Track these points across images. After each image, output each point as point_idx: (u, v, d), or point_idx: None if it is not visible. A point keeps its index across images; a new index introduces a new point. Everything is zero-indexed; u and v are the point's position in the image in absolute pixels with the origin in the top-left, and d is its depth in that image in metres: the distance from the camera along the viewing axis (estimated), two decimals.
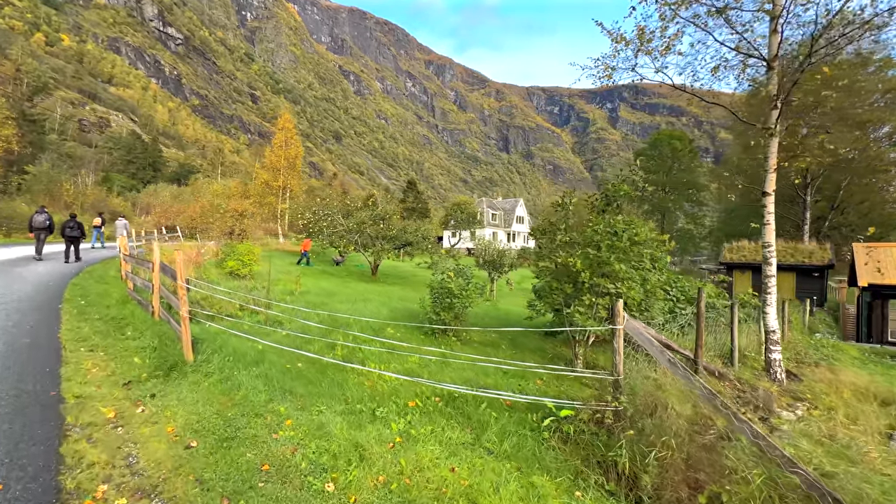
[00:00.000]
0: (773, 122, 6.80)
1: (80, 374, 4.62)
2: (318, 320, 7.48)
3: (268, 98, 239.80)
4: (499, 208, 63.22)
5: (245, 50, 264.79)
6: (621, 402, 3.45)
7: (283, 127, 34.52)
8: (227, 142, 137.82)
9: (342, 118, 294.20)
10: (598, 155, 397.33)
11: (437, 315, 6.59)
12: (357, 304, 9.62)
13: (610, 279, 4.86)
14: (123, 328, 6.71)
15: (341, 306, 8.99)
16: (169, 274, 5.87)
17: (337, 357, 5.73)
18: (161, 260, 6.88)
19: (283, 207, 35.12)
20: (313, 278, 17.70)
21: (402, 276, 22.96)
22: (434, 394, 4.60)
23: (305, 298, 9.95)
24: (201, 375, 4.76)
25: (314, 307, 8.82)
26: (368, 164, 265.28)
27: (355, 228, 17.75)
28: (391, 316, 8.25)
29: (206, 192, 43.97)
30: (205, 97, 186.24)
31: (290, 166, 35.01)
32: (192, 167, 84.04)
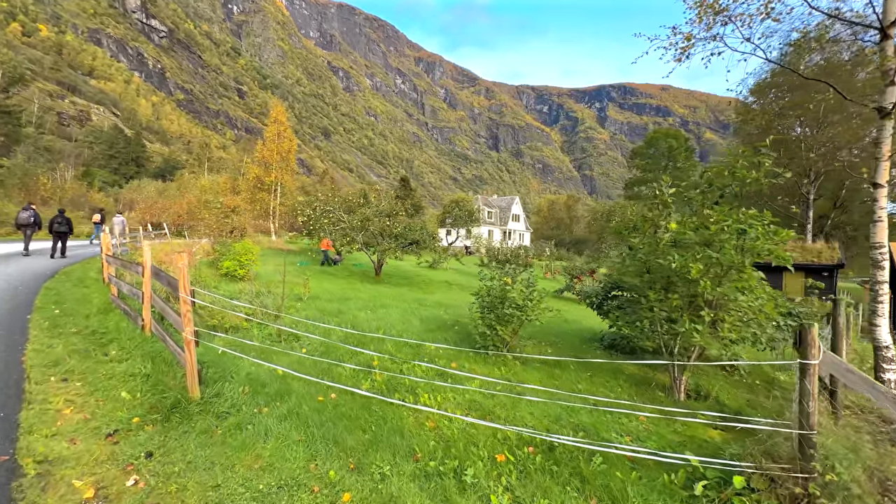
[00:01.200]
0: (890, 102, 5.85)
1: (48, 419, 3.42)
2: (341, 335, 6.34)
3: (255, 93, 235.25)
4: (494, 206, 62.31)
5: (231, 44, 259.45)
6: (839, 473, 2.42)
7: (275, 120, 32.94)
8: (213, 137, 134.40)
9: (331, 115, 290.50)
10: (587, 154, 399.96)
11: (490, 329, 5.51)
12: (377, 311, 8.47)
13: (741, 290, 3.87)
14: (106, 346, 5.48)
15: (362, 315, 7.84)
16: (164, 281, 4.69)
17: (379, 387, 4.60)
18: (153, 263, 5.66)
19: (275, 204, 33.58)
20: (316, 280, 16.44)
21: (406, 276, 21.79)
22: (522, 441, 3.51)
23: (317, 305, 8.77)
24: (212, 418, 3.59)
25: (331, 316, 7.65)
26: (358, 161, 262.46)
27: (359, 226, 16.53)
28: (424, 328, 7.13)
29: (193, 188, 42.09)
30: (190, 91, 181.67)
31: (283, 161, 33.44)
32: (177, 162, 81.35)
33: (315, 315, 7.67)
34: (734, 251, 3.90)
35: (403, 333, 6.50)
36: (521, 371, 5.28)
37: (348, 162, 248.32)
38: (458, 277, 24.59)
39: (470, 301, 14.28)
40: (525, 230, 66.32)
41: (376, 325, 6.96)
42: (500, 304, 5.45)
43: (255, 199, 31.85)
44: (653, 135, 62.12)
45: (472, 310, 5.89)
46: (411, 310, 8.98)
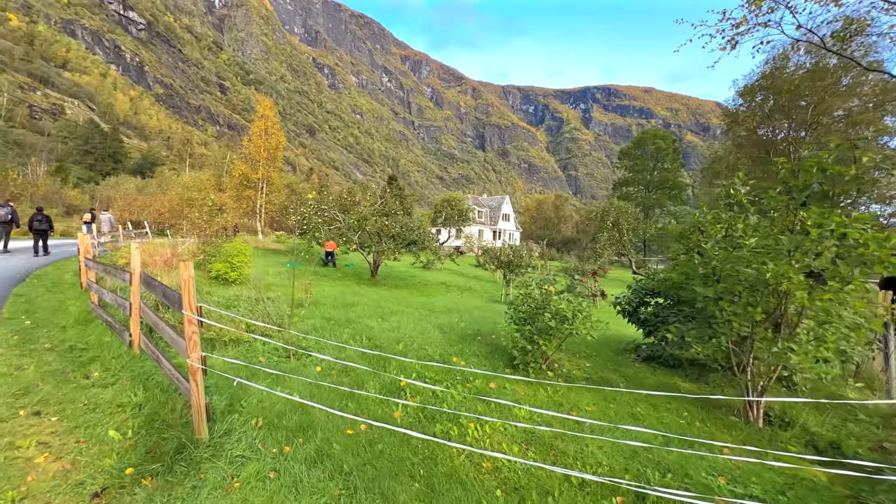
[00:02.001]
0: None
1: (16, 472, 2.69)
2: (357, 349, 5.67)
3: (237, 89, 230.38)
4: (484, 206, 61.91)
5: (213, 38, 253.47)
6: None
7: (262, 115, 31.75)
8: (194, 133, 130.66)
9: (316, 112, 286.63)
10: (572, 154, 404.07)
11: (532, 344, 4.92)
12: (389, 319, 7.80)
13: (842, 304, 3.38)
14: (87, 365, 4.71)
15: (374, 324, 7.16)
16: (158, 292, 3.96)
17: (414, 415, 3.98)
18: (142, 269, 4.91)
19: (262, 202, 32.42)
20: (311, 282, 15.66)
21: (401, 277, 21.11)
22: (605, 489, 2.93)
23: (322, 312, 8.06)
24: (226, 465, 2.91)
25: (340, 326, 6.96)
26: (343, 159, 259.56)
27: (356, 225, 15.78)
28: (445, 340, 6.49)
29: (174, 185, 40.48)
30: (170, 86, 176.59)
31: (271, 158, 32.29)
32: (157, 159, 78.69)
33: (322, 324, 6.97)
34: (838, 260, 3.40)
35: (426, 347, 5.86)
36: (567, 392, 4.70)
37: (333, 160, 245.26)
38: (455, 279, 23.99)
39: (477, 305, 13.70)
40: (515, 230, 66.14)
41: (393, 336, 6.29)
42: (540, 316, 4.87)
43: (242, 197, 30.66)
44: (641, 135, 62.56)
45: (506, 322, 5.29)
46: (423, 317, 8.34)
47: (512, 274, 16.39)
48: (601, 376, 5.25)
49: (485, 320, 8.76)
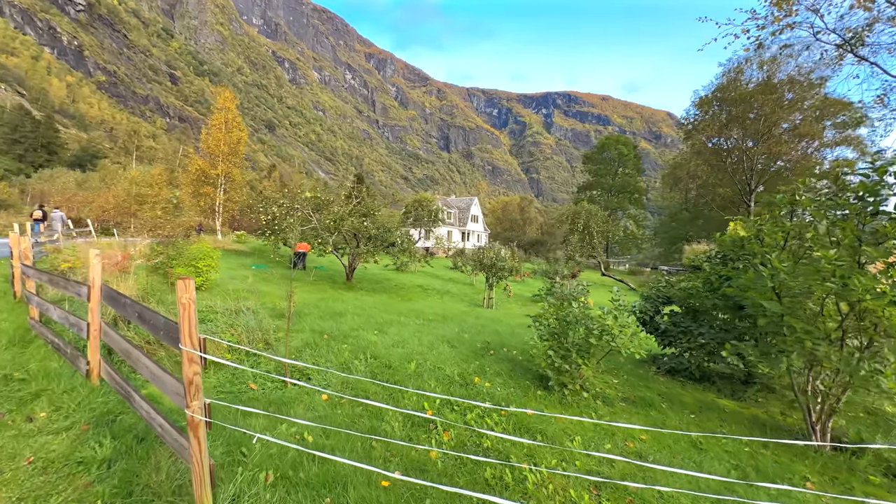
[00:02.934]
0: None
1: None
2: (365, 371, 4.98)
3: (190, 80, 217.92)
4: (453, 207, 61.59)
5: (163, 24, 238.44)
6: None
7: (222, 107, 29.62)
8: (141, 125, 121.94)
9: (276, 107, 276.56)
10: (534, 158, 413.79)
11: (568, 362, 4.43)
12: (387, 331, 7.09)
13: None
14: (31, 403, 3.74)
15: (373, 338, 6.44)
16: (133, 313, 3.11)
17: (453, 449, 3.38)
18: (104, 281, 3.99)
19: (221, 199, 30.31)
20: (282, 287, 14.52)
21: (376, 280, 20.24)
22: None
23: (309, 323, 7.23)
24: None
25: (335, 340, 6.18)
26: (305, 156, 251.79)
27: (332, 226, 14.81)
28: (458, 355, 5.88)
29: (120, 180, 37.16)
30: (113, 73, 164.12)
31: (231, 153, 30.22)
32: (99, 151, 72.57)
33: (314, 340, 6.17)
34: None
35: (441, 366, 5.23)
36: (609, 414, 4.25)
37: (294, 157, 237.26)
38: (431, 281, 23.36)
39: (463, 310, 13.15)
40: (483, 231, 66.32)
41: (401, 354, 5.61)
42: (575, 330, 4.39)
43: (199, 194, 28.48)
44: (604, 141, 64.51)
45: (537, 339, 4.77)
46: (422, 328, 7.69)
47: (494, 277, 15.99)
48: (637, 395, 4.85)
49: (485, 330, 8.24)
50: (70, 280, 4.46)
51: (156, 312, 2.84)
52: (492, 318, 10.72)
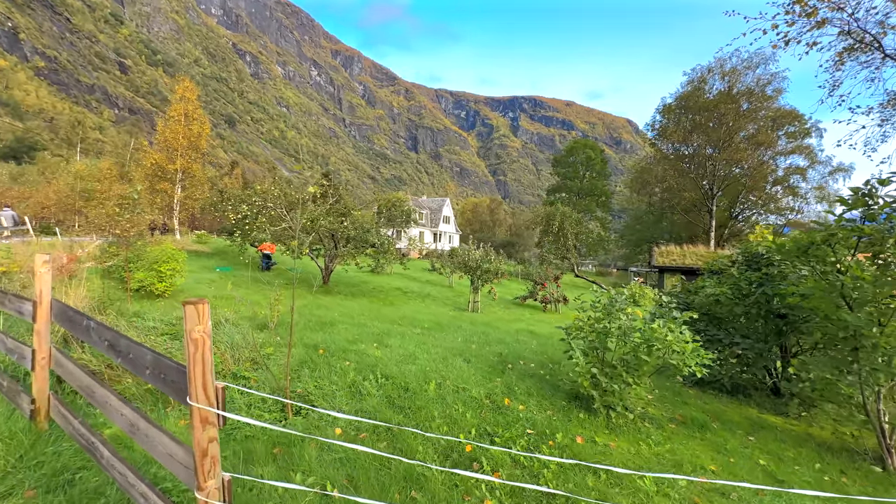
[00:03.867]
0: None
1: None
2: (380, 396, 4.32)
3: (142, 69, 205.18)
4: (425, 207, 60.90)
5: (111, 10, 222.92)
6: None
7: (182, 97, 27.54)
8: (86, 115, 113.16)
9: (236, 101, 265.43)
10: (501, 160, 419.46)
11: (611, 380, 3.94)
12: (387, 343, 6.39)
13: None
14: None
15: (375, 352, 5.72)
16: (100, 341, 2.32)
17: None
18: (55, 298, 3.13)
19: (180, 197, 28.23)
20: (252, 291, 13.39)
21: (353, 283, 19.30)
22: None
23: (297, 335, 6.42)
24: None
25: (334, 356, 5.42)
26: (267, 153, 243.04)
27: (308, 226, 13.80)
28: (477, 372, 5.26)
29: (62, 174, 33.91)
30: (54, 59, 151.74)
31: (192, 147, 28.19)
32: (36, 142, 66.55)
33: (309, 356, 5.39)
34: None
35: (464, 386, 4.61)
36: (665, 440, 3.79)
37: (256, 154, 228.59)
38: (409, 284, 22.62)
39: (452, 316, 12.56)
40: (455, 232, 66.05)
41: (414, 371, 4.94)
42: (620, 345, 3.92)
43: (155, 191, 26.34)
44: (573, 145, 65.82)
45: (579, 355, 4.24)
46: (423, 338, 7.03)
47: (480, 280, 15.51)
48: (683, 414, 4.44)
49: (489, 339, 7.69)
50: (7, 293, 3.51)
51: (139, 344, 2.07)
52: (487, 325, 10.20)
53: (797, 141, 36.63)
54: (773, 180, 38.46)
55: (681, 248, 32.04)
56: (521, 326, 11.10)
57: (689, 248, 32.14)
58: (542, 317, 15.55)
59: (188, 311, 1.53)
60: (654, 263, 31.63)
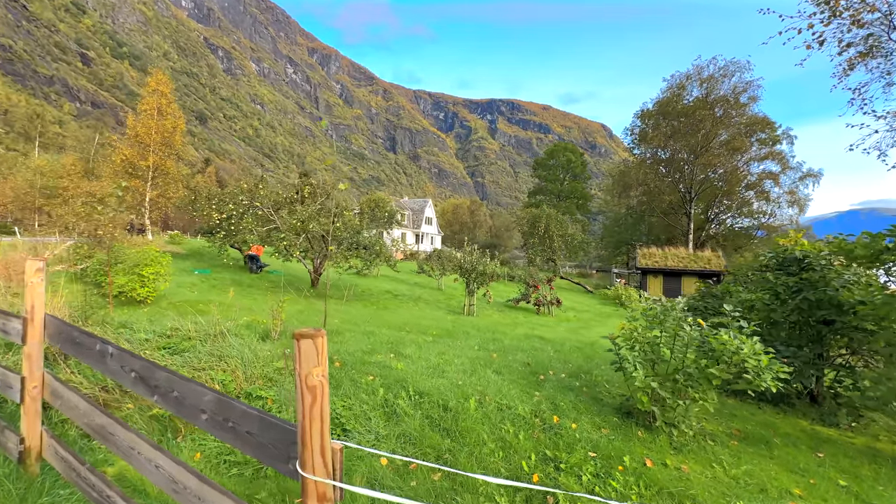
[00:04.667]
0: None
1: None
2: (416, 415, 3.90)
3: (106, 62, 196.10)
4: (407, 208, 60.26)
5: None
6: None
7: (155, 90, 26.09)
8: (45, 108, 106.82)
9: (208, 98, 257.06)
10: (479, 162, 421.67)
11: (675, 395, 3.65)
12: (403, 353, 5.93)
13: None
14: None
15: (397, 364, 5.26)
16: (128, 372, 1.83)
17: None
18: (50, 314, 2.60)
19: (153, 195, 26.77)
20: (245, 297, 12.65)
21: (342, 286, 18.64)
22: None
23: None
24: None
25: (353, 369, 4.96)
26: (241, 152, 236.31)
27: (298, 227, 13.13)
28: (513, 385, 4.90)
29: (20, 169, 31.63)
30: (9, 48, 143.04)
31: (166, 143, 26.77)
32: None
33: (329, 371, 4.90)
34: None
35: (506, 402, 4.23)
36: (732, 459, 3.52)
37: (229, 152, 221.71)
38: (398, 286, 22.09)
39: (450, 320, 12.14)
40: (437, 233, 65.67)
41: (446, 386, 4.51)
42: (683, 357, 3.64)
43: (125, 188, 24.82)
44: (553, 148, 66.64)
45: (630, 370, 3.92)
46: (442, 348, 6.60)
47: (475, 283, 15.17)
48: (738, 428, 4.20)
49: (505, 346, 7.35)
50: None
51: (188, 380, 1.60)
52: (493, 331, 9.87)
53: (769, 147, 38.02)
54: (746, 185, 39.83)
55: (662, 250, 32.71)
56: (525, 331, 10.83)
57: (671, 249, 32.86)
58: (539, 320, 15.35)
59: (304, 347, 1.10)
60: (638, 265, 32.20)
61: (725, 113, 38.71)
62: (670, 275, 30.86)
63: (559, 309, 18.42)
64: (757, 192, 37.86)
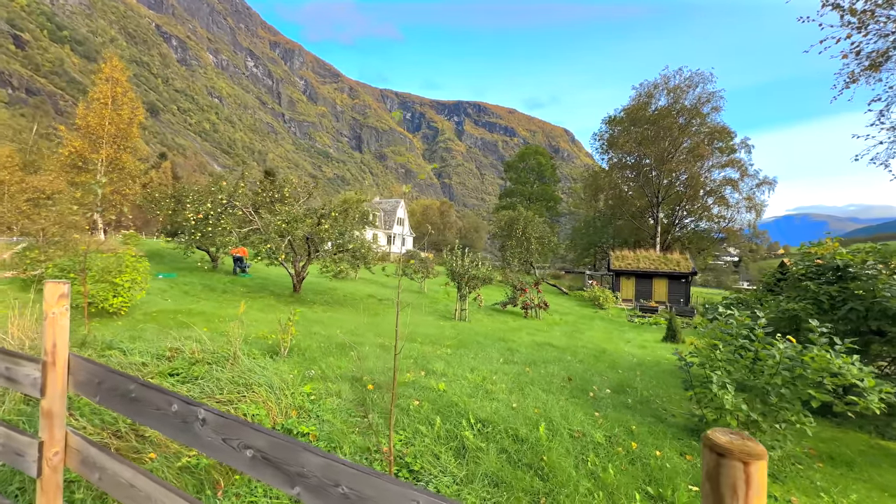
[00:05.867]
0: None
1: None
2: (489, 449, 3.46)
3: (44, 45, 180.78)
4: (379, 209, 59.08)
5: None
6: None
7: (110, 77, 23.90)
8: None
9: (160, 89, 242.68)
10: (446, 164, 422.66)
11: (772, 419, 3.40)
12: (432, 367, 5.44)
13: None
14: None
15: (437, 384, 4.77)
16: (298, 476, 1.30)
17: None
18: (78, 354, 2.07)
19: (106, 191, 24.55)
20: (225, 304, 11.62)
21: (321, 291, 17.75)
22: None
23: (320, 364, 5.31)
24: None
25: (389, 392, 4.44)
26: (196, 147, 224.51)
27: (284, 229, 12.22)
28: (569, 404, 4.54)
29: None
30: None
31: (122, 135, 24.61)
32: None
33: (354, 392, 4.36)
34: None
35: (571, 426, 3.87)
36: (841, 489, 3.31)
37: (183, 146, 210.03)
38: (379, 290, 21.37)
39: (453, 326, 11.68)
40: (409, 234, 64.87)
41: (502, 410, 4.09)
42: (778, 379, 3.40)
43: (75, 183, 22.60)
44: (524, 151, 67.47)
45: (719, 392, 3.63)
46: (476, 365, 6.12)
47: (467, 287, 14.79)
48: (814, 448, 4.04)
49: (529, 357, 7.00)
50: None
51: (379, 475, 1.10)
52: (501, 339, 9.52)
53: (729, 155, 40.12)
54: (707, 191, 41.85)
55: (634, 252, 33.70)
56: (529, 338, 10.54)
57: (642, 252, 33.91)
58: (532, 324, 15.17)
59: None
60: (612, 267, 32.97)
61: (688, 122, 40.53)
62: (642, 276, 31.80)
63: (545, 312, 18.39)
64: (717, 197, 39.80)
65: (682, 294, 30.91)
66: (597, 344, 10.22)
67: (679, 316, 25.87)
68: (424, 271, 21.76)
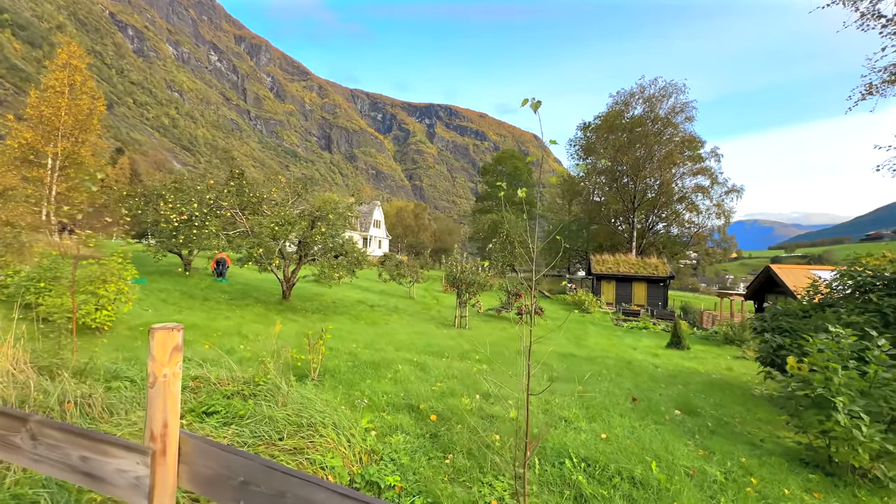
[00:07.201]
0: None
1: None
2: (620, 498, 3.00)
3: None
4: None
5: None
6: None
7: (67, 63, 21.85)
8: None
9: (114, 80, 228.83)
10: (417, 165, 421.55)
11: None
12: (479, 388, 4.94)
13: None
14: None
15: (505, 412, 4.28)
16: None
17: None
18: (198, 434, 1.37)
19: (61, 188, 22.46)
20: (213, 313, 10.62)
21: (309, 297, 16.80)
22: None
23: (358, 388, 4.70)
24: None
25: (467, 425, 3.88)
26: (154, 143, 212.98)
27: (276, 232, 11.31)
28: (666, 433, 4.14)
29: None
30: None
31: (81, 127, 22.55)
32: None
33: (419, 427, 3.79)
34: None
35: (686, 464, 3.46)
36: None
37: (139, 142, 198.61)
38: (367, 296, 20.54)
39: (454, 335, 11.15)
40: (385, 237, 63.76)
41: (593, 443, 3.65)
42: None
43: (26, 179, 20.46)
44: (501, 154, 67.85)
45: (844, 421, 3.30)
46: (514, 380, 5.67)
47: (467, 293, 14.32)
48: None
49: (564, 373, 6.60)
50: (34, 420, 1.47)
51: None
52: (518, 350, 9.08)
53: (700, 163, 41.72)
54: (679, 197, 43.35)
55: (614, 256, 34.32)
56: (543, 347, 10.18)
57: (621, 256, 34.59)
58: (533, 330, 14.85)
59: None
60: (593, 270, 33.42)
61: (661, 130, 41.86)
62: (622, 280, 32.40)
63: (540, 318, 18.20)
64: (688, 204, 41.24)
65: (661, 297, 31.70)
66: (611, 352, 9.98)
67: (661, 319, 26.52)
68: (414, 276, 21.11)
